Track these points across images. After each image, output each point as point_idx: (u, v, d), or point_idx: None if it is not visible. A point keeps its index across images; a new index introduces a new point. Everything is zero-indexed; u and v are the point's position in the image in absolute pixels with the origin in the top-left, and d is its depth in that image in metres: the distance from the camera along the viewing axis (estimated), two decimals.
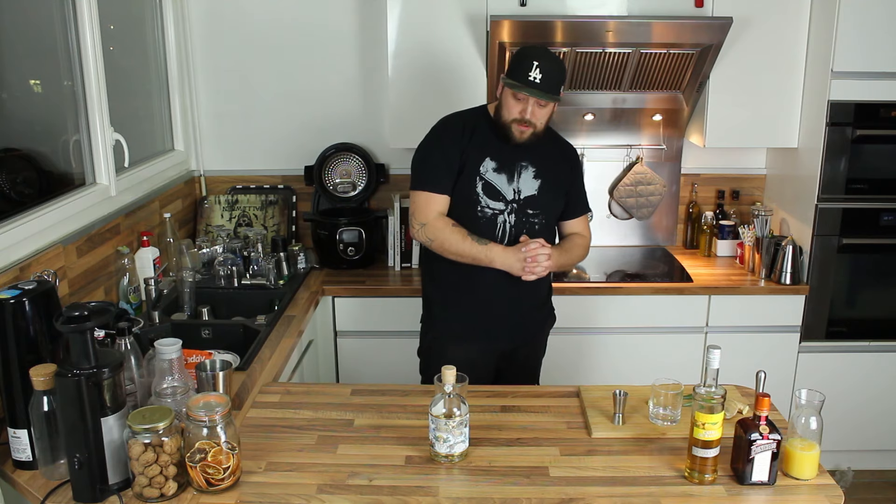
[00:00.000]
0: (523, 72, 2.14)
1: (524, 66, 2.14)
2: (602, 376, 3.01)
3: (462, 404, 1.66)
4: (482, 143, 2.28)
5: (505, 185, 2.28)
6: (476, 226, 2.28)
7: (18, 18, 2.31)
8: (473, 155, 2.27)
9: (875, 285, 3.10)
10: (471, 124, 2.31)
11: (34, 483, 1.62)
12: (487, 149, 2.28)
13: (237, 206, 3.37)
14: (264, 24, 3.25)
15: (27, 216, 2.07)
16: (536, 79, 2.13)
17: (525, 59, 2.14)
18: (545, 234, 2.33)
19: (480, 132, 2.29)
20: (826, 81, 2.88)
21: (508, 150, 2.28)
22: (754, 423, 1.57)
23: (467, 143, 2.28)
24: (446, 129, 2.33)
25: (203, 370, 1.79)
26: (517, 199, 2.29)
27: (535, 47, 2.21)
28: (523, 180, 2.30)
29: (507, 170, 2.28)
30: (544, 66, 2.13)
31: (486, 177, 2.27)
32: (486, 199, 2.27)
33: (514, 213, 2.29)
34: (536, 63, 2.12)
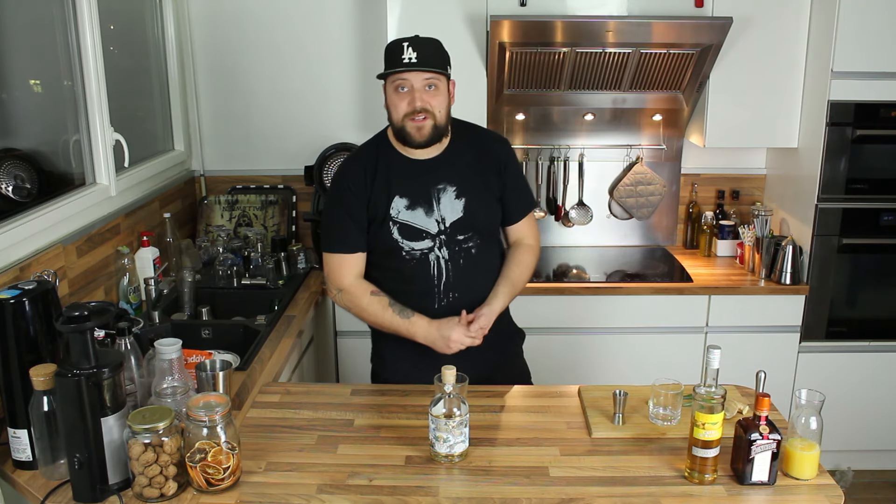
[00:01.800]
0: (396, 57, 1.92)
1: (396, 51, 1.92)
2: (602, 376, 3.01)
3: (462, 404, 1.65)
4: (386, 181, 2.02)
5: (423, 220, 2.02)
6: (407, 271, 2.04)
7: (18, 18, 2.31)
8: (380, 200, 2.01)
9: (875, 285, 3.10)
10: (369, 165, 2.04)
11: (34, 483, 1.62)
12: (394, 186, 2.01)
13: (237, 206, 3.37)
14: (264, 25, 3.25)
15: (27, 216, 2.07)
16: (412, 58, 1.90)
17: (395, 46, 1.93)
18: (485, 255, 2.08)
19: (382, 168, 2.03)
20: (826, 81, 2.88)
21: (418, 176, 2.02)
22: (754, 423, 1.57)
23: (370, 188, 2.02)
24: (343, 182, 2.05)
25: (203, 370, 1.79)
26: (443, 229, 2.03)
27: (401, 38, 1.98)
28: (444, 205, 2.03)
29: (421, 201, 2.01)
30: (417, 45, 1.91)
31: (400, 219, 2.01)
32: (407, 242, 2.02)
33: (444, 247, 2.03)
34: (407, 44, 1.91)
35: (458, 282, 2.06)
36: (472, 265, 2.07)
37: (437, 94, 1.96)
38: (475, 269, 2.07)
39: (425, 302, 2.06)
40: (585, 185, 3.43)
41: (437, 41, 1.98)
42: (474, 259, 2.07)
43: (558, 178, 3.42)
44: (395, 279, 2.08)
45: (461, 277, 2.06)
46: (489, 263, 2.11)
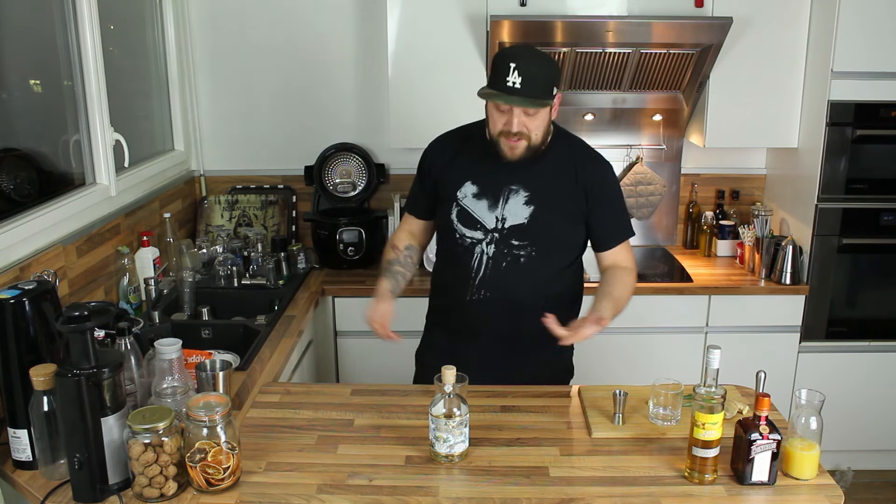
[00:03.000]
0: (500, 77, 1.84)
1: (501, 71, 1.84)
2: (602, 376, 3.00)
3: (462, 404, 1.65)
4: (466, 163, 2.05)
5: (485, 212, 2.02)
6: (454, 254, 2.08)
7: (18, 18, 2.31)
8: (452, 178, 2.06)
9: (875, 285, 3.10)
10: (457, 143, 2.09)
11: (34, 483, 1.62)
12: (470, 171, 2.04)
13: (237, 206, 3.37)
14: (264, 24, 3.25)
15: (27, 216, 2.07)
16: (515, 83, 1.82)
17: (501, 62, 1.85)
18: (535, 267, 2.03)
19: (468, 151, 2.06)
20: (826, 81, 2.88)
21: (496, 172, 2.00)
22: (754, 423, 1.57)
23: (447, 165, 2.07)
24: (428, 152, 2.15)
25: (203, 370, 1.79)
26: (499, 227, 2.02)
27: (514, 47, 1.94)
28: (510, 206, 2.01)
29: (489, 194, 2.02)
30: (524, 68, 1.83)
31: (463, 203, 2.03)
32: (462, 227, 2.04)
33: (493, 244, 2.02)
34: (514, 65, 1.82)
35: (494, 282, 2.04)
36: (516, 272, 2.03)
37: (538, 117, 1.90)
38: (517, 276, 2.03)
39: (460, 289, 2.08)
40: None
41: (548, 60, 1.89)
42: (521, 267, 2.02)
43: None
44: (444, 258, 2.15)
45: (498, 279, 2.04)
46: (537, 277, 2.04)
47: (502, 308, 2.05)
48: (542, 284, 2.05)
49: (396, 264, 2.18)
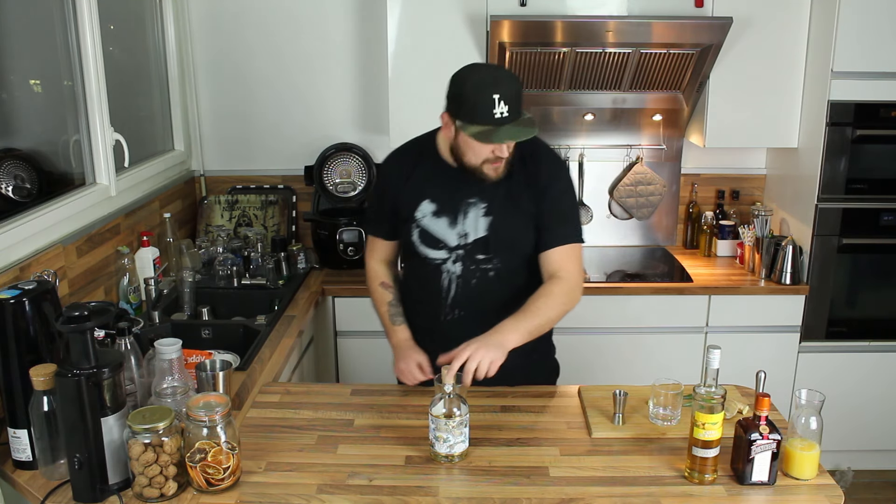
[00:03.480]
0: (486, 111, 1.73)
1: (486, 104, 1.72)
2: (602, 376, 3.01)
3: (462, 404, 1.65)
4: (421, 181, 1.97)
5: (445, 230, 1.95)
6: (422, 275, 2.02)
7: (18, 18, 2.31)
8: (409, 198, 1.97)
9: (875, 285, 3.10)
10: (411, 160, 2.01)
11: (34, 483, 1.62)
12: (426, 189, 1.96)
13: (237, 206, 3.37)
14: (264, 25, 3.25)
15: (27, 216, 2.07)
16: (504, 113, 1.72)
17: (483, 95, 1.73)
18: (505, 280, 1.97)
19: (422, 168, 1.98)
20: (826, 81, 2.88)
21: (452, 186, 1.93)
22: (754, 423, 1.57)
23: (403, 184, 1.99)
24: (383, 171, 2.09)
25: (203, 370, 1.79)
26: (463, 244, 1.95)
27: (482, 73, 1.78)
28: (470, 221, 1.93)
29: (448, 211, 1.94)
30: (505, 94, 1.73)
31: (423, 223, 1.96)
32: (425, 248, 1.97)
33: (459, 262, 1.95)
34: (498, 96, 1.72)
35: (467, 301, 1.98)
36: (486, 287, 1.97)
37: None
38: (488, 291, 1.97)
39: (434, 310, 2.02)
40: (585, 185, 3.43)
41: (514, 77, 1.81)
42: (490, 281, 1.96)
43: None
44: (412, 277, 2.09)
45: (471, 297, 1.98)
46: (510, 288, 1.97)
47: (480, 326, 1.90)
48: (517, 295, 1.95)
49: (398, 304, 2.10)
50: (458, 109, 1.78)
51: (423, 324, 2.07)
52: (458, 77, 1.82)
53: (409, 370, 1.98)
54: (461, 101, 1.77)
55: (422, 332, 2.07)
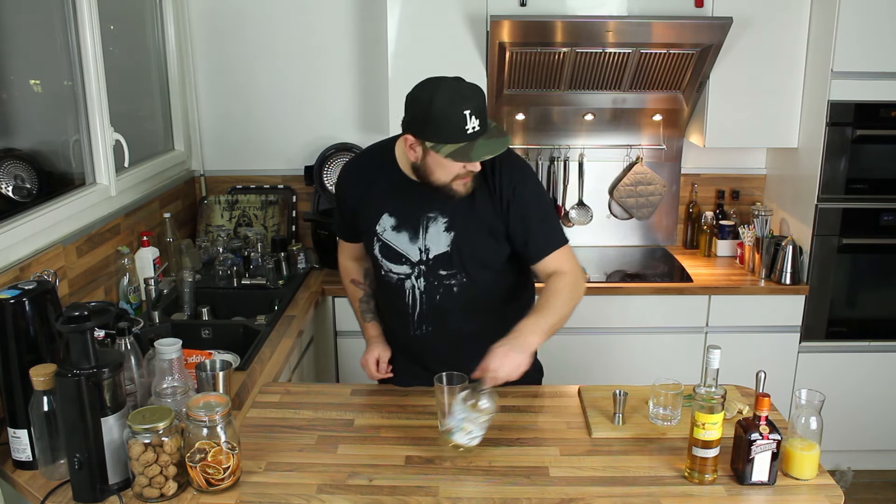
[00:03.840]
0: (459, 128, 1.68)
1: (457, 121, 1.67)
2: (602, 376, 3.01)
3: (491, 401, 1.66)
4: (381, 193, 1.91)
5: (407, 245, 1.90)
6: (388, 290, 1.99)
7: (18, 18, 2.31)
8: (369, 211, 1.93)
9: (875, 285, 3.10)
10: (369, 171, 1.95)
11: (34, 483, 1.62)
12: (386, 202, 1.91)
13: (237, 206, 3.37)
14: (264, 25, 3.25)
15: (27, 216, 2.07)
16: (475, 127, 1.68)
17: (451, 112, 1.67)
18: (470, 293, 1.92)
19: (381, 179, 1.92)
20: (826, 81, 2.88)
21: (412, 200, 1.88)
22: (754, 423, 1.57)
23: (362, 195, 1.95)
24: (340, 181, 2.03)
25: (203, 370, 1.79)
26: (424, 259, 1.91)
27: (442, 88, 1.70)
28: (431, 235, 1.89)
29: (408, 226, 1.90)
30: (475, 106, 1.68)
31: (384, 237, 1.92)
32: (387, 262, 1.94)
33: (422, 277, 1.92)
34: (468, 111, 1.67)
35: (434, 316, 1.96)
36: (451, 302, 1.93)
37: None
38: (452, 307, 1.94)
39: (402, 324, 2.01)
40: (585, 185, 3.43)
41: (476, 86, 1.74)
42: (454, 296, 1.92)
43: (558, 179, 3.42)
44: (382, 291, 2.07)
45: (437, 312, 1.95)
46: (475, 302, 1.94)
47: (448, 340, 1.96)
48: (484, 309, 1.95)
49: (369, 300, 2.14)
50: (425, 131, 1.71)
51: (394, 336, 2.10)
52: (419, 97, 1.73)
53: (367, 362, 2.10)
54: (428, 121, 1.69)
55: (394, 341, 2.12)
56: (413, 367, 2.07)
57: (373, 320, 2.14)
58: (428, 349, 2.01)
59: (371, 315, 2.14)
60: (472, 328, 1.94)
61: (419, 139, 1.74)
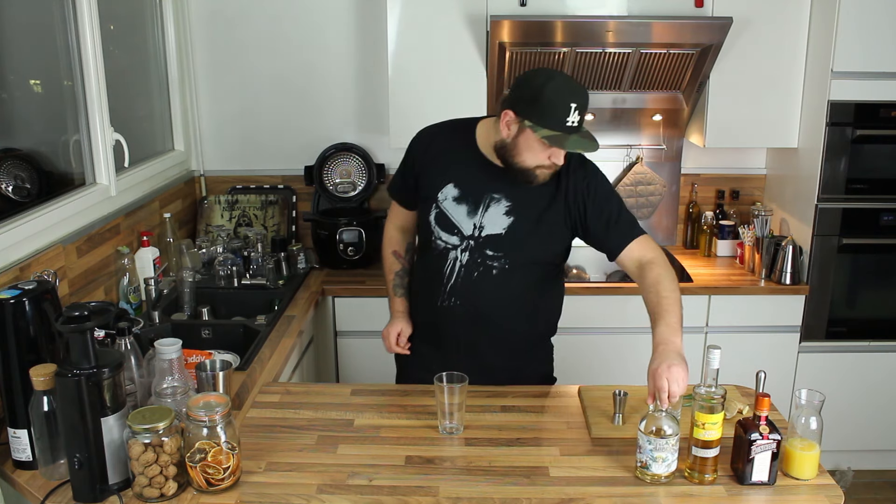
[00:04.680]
0: (560, 117, 1.76)
1: (561, 110, 1.75)
2: (602, 376, 3.00)
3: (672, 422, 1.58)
4: (451, 164, 1.98)
5: (463, 218, 1.96)
6: (429, 256, 2.04)
7: (18, 18, 2.31)
8: (434, 178, 1.99)
9: (875, 285, 3.10)
10: (444, 141, 2.02)
11: (34, 483, 1.62)
12: (454, 173, 1.97)
13: (237, 206, 3.37)
14: (264, 25, 3.25)
15: (27, 216, 2.07)
16: (574, 122, 1.77)
17: (561, 101, 1.75)
18: (507, 280, 1.97)
19: (455, 151, 1.99)
20: (826, 81, 2.88)
21: (480, 177, 1.95)
22: (754, 423, 1.57)
23: (431, 162, 2.01)
24: (413, 143, 2.09)
25: (203, 370, 1.79)
26: (476, 235, 1.96)
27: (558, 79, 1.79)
28: (490, 215, 1.94)
29: (471, 200, 1.95)
30: (581, 103, 1.77)
31: (443, 206, 1.97)
32: (439, 230, 1.98)
33: (468, 251, 1.96)
34: (575, 105, 1.75)
35: (464, 290, 1.99)
36: (486, 283, 1.98)
37: None
38: (487, 287, 1.98)
39: (432, 293, 2.04)
40: None
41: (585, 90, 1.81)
42: (492, 279, 1.97)
43: None
44: (421, 256, 2.13)
45: (469, 288, 1.99)
46: (508, 289, 1.98)
47: (470, 318, 2.00)
48: (515, 298, 2.00)
49: (404, 276, 2.22)
50: (530, 110, 1.78)
51: (420, 303, 2.15)
52: (534, 80, 1.80)
53: (388, 335, 2.19)
54: (537, 102, 1.77)
55: (416, 309, 2.18)
56: (426, 347, 2.15)
57: (402, 296, 2.21)
58: (448, 324, 2.04)
59: (402, 291, 2.21)
60: (496, 312, 2.00)
61: (520, 117, 1.80)
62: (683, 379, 1.63)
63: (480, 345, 2.04)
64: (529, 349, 2.12)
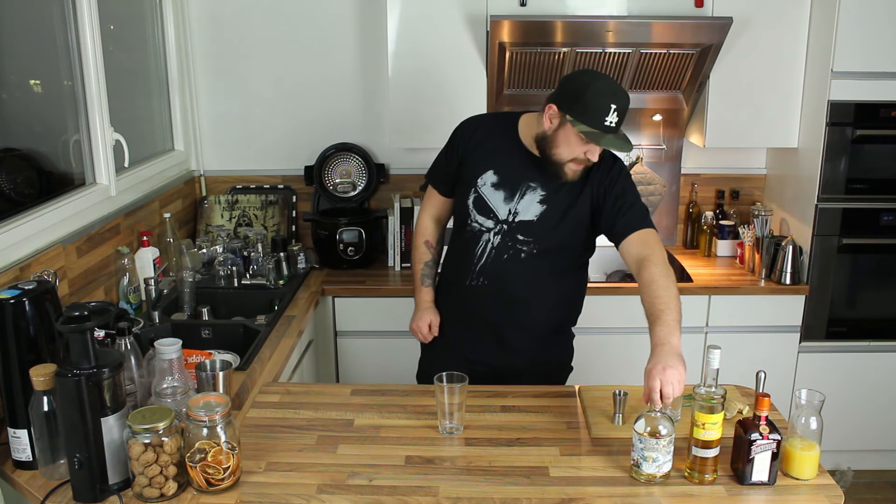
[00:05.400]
0: (600, 116, 1.87)
1: (601, 110, 1.87)
2: (602, 376, 3.00)
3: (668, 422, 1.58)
4: (492, 152, 2.10)
5: (500, 203, 2.08)
6: (463, 237, 2.15)
7: (18, 18, 2.31)
8: (476, 164, 2.11)
9: (875, 285, 3.10)
10: (488, 129, 2.15)
11: (34, 483, 1.62)
12: (494, 160, 2.10)
13: (237, 206, 3.37)
14: (264, 25, 3.25)
15: (27, 216, 2.07)
16: (612, 123, 1.88)
17: (601, 101, 1.87)
18: (534, 264, 2.09)
19: (496, 140, 2.12)
20: (826, 81, 2.88)
21: (518, 166, 2.07)
22: (754, 423, 1.57)
23: (472, 150, 2.13)
24: (458, 130, 2.20)
25: (203, 370, 1.79)
26: (510, 220, 2.08)
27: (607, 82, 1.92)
28: (525, 202, 2.07)
29: (508, 187, 2.08)
30: (621, 108, 1.89)
31: (482, 190, 2.10)
32: (476, 213, 2.11)
33: (500, 235, 2.09)
34: (614, 106, 1.87)
35: (493, 271, 2.11)
36: (513, 265, 2.09)
37: None
38: (513, 269, 2.09)
39: (461, 273, 2.16)
40: None
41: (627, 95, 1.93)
42: (519, 261, 2.09)
43: None
44: (454, 237, 2.22)
45: (498, 269, 2.10)
46: (534, 274, 2.10)
47: (496, 297, 2.13)
48: (539, 282, 2.11)
49: (433, 266, 2.30)
50: (573, 106, 1.90)
51: (450, 281, 2.24)
52: (581, 78, 1.96)
53: (420, 328, 2.26)
54: (580, 99, 1.89)
55: (446, 288, 2.27)
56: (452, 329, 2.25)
57: (430, 286, 2.29)
58: (474, 303, 2.16)
59: (430, 281, 2.29)
60: (521, 294, 2.12)
61: (563, 111, 1.93)
62: (679, 381, 1.64)
63: (504, 326, 2.15)
64: (550, 334, 2.22)
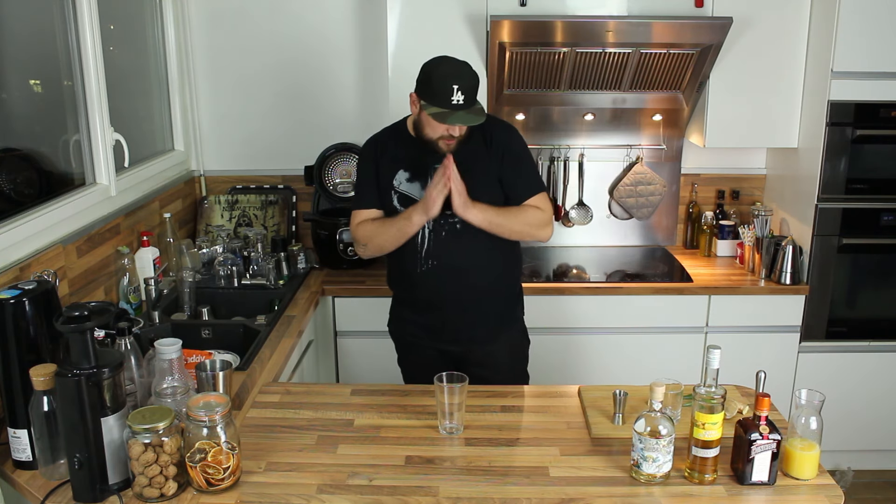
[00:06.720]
0: (445, 97, 2.09)
1: (444, 92, 2.08)
2: (602, 376, 3.01)
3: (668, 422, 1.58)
4: (395, 156, 2.30)
5: (420, 192, 2.25)
6: None
7: (18, 18, 2.31)
8: (387, 170, 2.30)
9: (875, 285, 3.10)
10: (384, 141, 2.34)
11: (34, 483, 1.62)
12: (400, 161, 2.29)
13: (237, 206, 3.37)
14: (264, 25, 3.25)
15: (27, 216, 2.07)
16: (460, 100, 2.09)
17: (443, 85, 2.08)
18: (472, 232, 2.23)
19: (394, 146, 2.31)
20: (826, 81, 2.88)
21: (421, 155, 2.25)
22: (754, 423, 1.57)
23: (380, 159, 2.31)
24: (365, 150, 2.38)
25: (203, 370, 1.79)
26: None
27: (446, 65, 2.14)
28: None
29: (419, 176, 2.27)
30: (463, 85, 2.09)
31: (401, 189, 2.28)
32: (403, 209, 2.26)
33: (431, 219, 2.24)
34: (457, 86, 2.08)
35: (438, 251, 2.26)
36: (455, 239, 2.25)
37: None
38: (457, 242, 2.25)
39: (412, 263, 2.29)
40: (585, 185, 3.43)
41: (474, 72, 2.15)
42: (458, 233, 2.25)
43: (558, 179, 3.42)
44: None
45: (441, 247, 2.26)
46: (476, 240, 2.25)
47: (450, 274, 2.28)
48: (481, 246, 2.27)
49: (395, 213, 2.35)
50: (423, 91, 2.15)
51: (403, 277, 2.36)
52: (429, 65, 2.17)
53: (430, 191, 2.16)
54: (427, 83, 2.14)
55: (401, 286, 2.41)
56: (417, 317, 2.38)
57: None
58: (432, 285, 2.30)
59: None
60: (470, 262, 2.28)
61: (418, 97, 2.18)
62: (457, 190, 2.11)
63: (462, 298, 2.31)
64: (503, 298, 2.40)
